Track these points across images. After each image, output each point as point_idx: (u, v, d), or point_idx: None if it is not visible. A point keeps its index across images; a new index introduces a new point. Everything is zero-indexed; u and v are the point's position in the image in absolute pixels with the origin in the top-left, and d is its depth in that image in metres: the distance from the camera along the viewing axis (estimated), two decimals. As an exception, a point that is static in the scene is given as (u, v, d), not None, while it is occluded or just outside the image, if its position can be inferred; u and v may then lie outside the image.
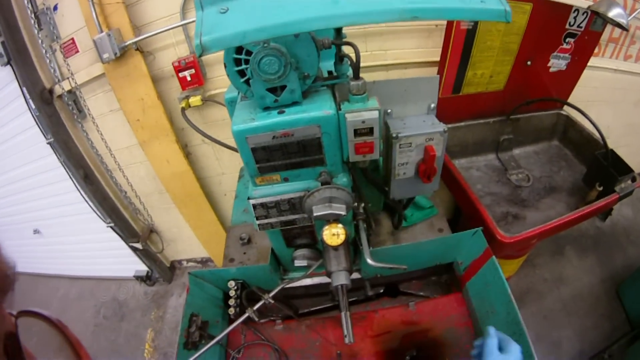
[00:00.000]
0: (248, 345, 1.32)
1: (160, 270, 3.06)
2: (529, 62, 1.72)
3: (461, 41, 1.58)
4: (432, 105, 1.00)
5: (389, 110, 0.99)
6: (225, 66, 0.83)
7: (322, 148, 0.87)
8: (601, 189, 1.65)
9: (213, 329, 1.24)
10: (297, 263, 1.12)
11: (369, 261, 0.99)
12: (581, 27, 1.66)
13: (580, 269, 2.67)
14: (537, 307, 2.48)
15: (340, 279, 0.96)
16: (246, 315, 1.09)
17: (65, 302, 3.29)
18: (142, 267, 3.04)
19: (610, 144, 1.60)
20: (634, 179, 1.58)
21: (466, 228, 1.23)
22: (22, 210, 2.94)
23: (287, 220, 0.99)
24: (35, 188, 2.68)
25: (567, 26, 1.65)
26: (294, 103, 0.86)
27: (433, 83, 0.96)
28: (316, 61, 0.82)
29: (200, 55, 0.66)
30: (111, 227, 2.53)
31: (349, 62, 0.86)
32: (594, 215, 2.19)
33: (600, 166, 1.63)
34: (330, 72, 0.99)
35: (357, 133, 0.84)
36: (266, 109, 0.87)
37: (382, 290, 1.42)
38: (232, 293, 1.22)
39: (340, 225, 0.93)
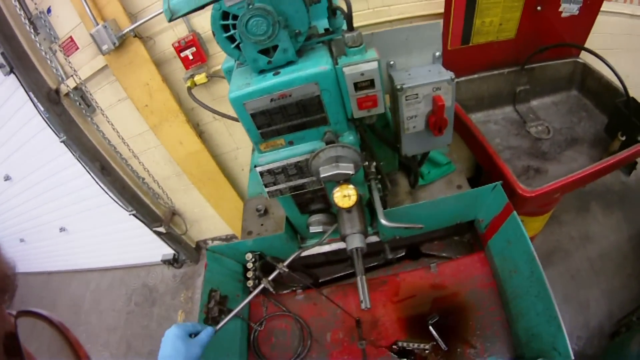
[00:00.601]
0: (269, 317, 1.33)
1: (186, 251, 3.14)
2: (539, 8, 1.61)
3: (465, -13, 1.50)
4: (438, 54, 0.95)
5: (392, 62, 0.95)
6: (214, 34, 0.81)
7: (323, 106, 0.84)
8: (624, 138, 1.56)
9: (233, 303, 1.25)
10: (313, 229, 1.10)
11: (383, 221, 0.96)
12: (593, -33, 1.54)
13: (606, 226, 2.58)
14: (564, 266, 2.42)
15: (355, 242, 0.95)
16: (262, 286, 1.09)
17: (97, 294, 3.43)
18: (168, 251, 3.12)
19: (631, 94, 1.51)
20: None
21: (488, 185, 1.18)
22: (45, 210, 3.05)
23: (296, 185, 0.98)
24: (55, 187, 2.76)
25: (577, -34, 1.54)
26: (289, 63, 0.83)
27: (435, 29, 0.91)
28: (306, 16, 0.78)
29: (170, 20, 0.66)
30: (133, 214, 2.59)
31: (343, 15, 0.81)
32: (618, 167, 2.10)
33: (621, 115, 1.54)
34: (327, 30, 0.94)
35: (357, 87, 0.81)
36: (261, 72, 0.84)
37: (403, 253, 1.40)
38: (249, 265, 1.22)
39: (351, 187, 0.91)
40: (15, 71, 1.94)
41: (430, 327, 1.17)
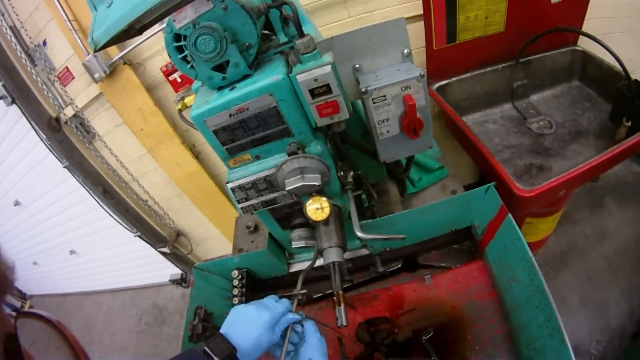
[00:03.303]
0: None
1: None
2: (524, -5, 1.55)
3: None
4: (406, 51, 0.90)
5: (358, 65, 0.90)
6: (169, 56, 0.81)
7: (282, 117, 0.81)
8: (629, 124, 1.46)
9: (220, 320, 1.22)
10: (294, 244, 1.05)
11: (358, 234, 0.91)
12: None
13: (622, 221, 2.44)
14: (580, 267, 2.29)
15: (331, 256, 0.90)
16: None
17: (109, 315, 3.49)
18: (176, 271, 3.15)
19: (636, 77, 1.41)
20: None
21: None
22: (55, 234, 3.14)
23: (267, 200, 0.94)
24: (63, 211, 2.83)
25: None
26: (245, 77, 0.81)
27: (399, 26, 0.86)
28: (254, 29, 0.76)
29: (96, 50, 0.70)
30: (139, 236, 2.63)
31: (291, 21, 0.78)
32: (627, 156, 1.96)
33: (625, 99, 1.44)
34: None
35: (314, 93, 0.77)
36: (220, 89, 0.83)
37: (399, 266, 1.32)
38: (235, 283, 1.19)
39: (324, 199, 0.86)
40: (17, 102, 2.02)
41: (425, 343, 1.10)
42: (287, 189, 0.83)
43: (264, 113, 0.80)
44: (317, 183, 0.82)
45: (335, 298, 0.87)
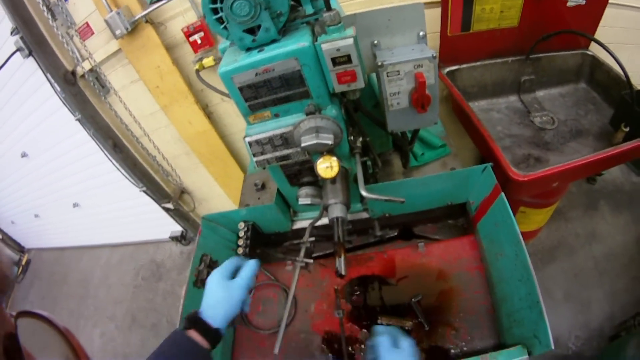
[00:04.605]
0: (259, 286, 1.43)
1: (194, 229, 3.32)
2: (542, -5, 1.63)
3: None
4: (422, 34, 1.01)
5: (376, 42, 1.01)
6: (204, 17, 0.91)
7: (304, 80, 0.92)
8: (627, 129, 1.56)
9: (223, 269, 1.34)
10: (301, 201, 1.17)
11: (363, 192, 1.03)
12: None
13: (614, 226, 2.57)
14: (568, 263, 2.43)
15: (336, 211, 1.01)
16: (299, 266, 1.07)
17: (107, 269, 3.64)
18: (177, 228, 3.30)
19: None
20: (667, 126, 1.46)
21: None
22: (60, 187, 3.26)
23: (282, 156, 1.06)
24: (70, 164, 2.95)
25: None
26: (273, 41, 0.91)
27: (418, 10, 0.97)
28: None
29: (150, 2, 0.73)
30: (144, 191, 2.76)
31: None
32: (622, 160, 2.07)
33: (627, 106, 1.54)
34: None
35: (335, 62, 0.88)
36: (248, 50, 0.93)
37: (395, 234, 1.45)
38: (241, 234, 1.32)
39: (334, 158, 0.98)
40: (34, 54, 2.10)
41: (413, 305, 1.22)
42: (302, 145, 0.95)
43: (288, 75, 0.91)
44: (329, 142, 0.94)
45: (336, 250, 1.00)
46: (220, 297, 0.85)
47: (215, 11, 0.88)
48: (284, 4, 0.87)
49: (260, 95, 0.96)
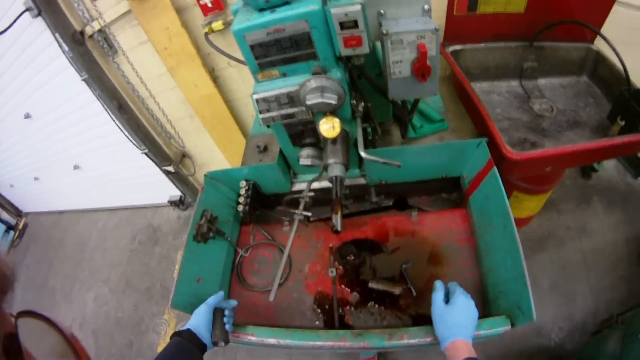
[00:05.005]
0: (255, 245, 1.51)
1: (192, 194, 3.40)
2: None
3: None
4: (426, 7, 1.06)
5: (383, 11, 1.07)
6: None
7: (312, 42, 0.98)
8: (623, 123, 1.62)
9: (223, 225, 1.42)
10: (302, 161, 1.25)
11: (362, 153, 1.11)
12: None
13: (605, 224, 2.63)
14: (556, 254, 2.49)
15: (336, 170, 1.09)
16: (298, 219, 1.16)
17: (104, 232, 3.72)
18: (175, 192, 3.37)
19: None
20: (663, 124, 1.50)
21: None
22: (62, 148, 3.32)
23: (287, 114, 1.13)
24: (73, 125, 3.00)
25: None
26: (285, 3, 0.97)
27: (424, -16, 1.03)
28: None
29: None
30: (145, 153, 2.82)
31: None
32: (616, 154, 2.14)
33: (624, 101, 1.60)
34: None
35: (343, 26, 0.95)
36: (261, 10, 0.99)
37: (390, 203, 1.52)
38: (242, 192, 1.39)
39: (336, 119, 1.05)
40: (43, 14, 2.12)
41: (403, 271, 1.30)
42: (307, 103, 1.02)
43: (297, 36, 0.97)
44: (333, 102, 1.00)
45: (333, 207, 1.08)
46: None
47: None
48: (297, -33, 0.93)
49: (270, 54, 1.02)
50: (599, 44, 1.89)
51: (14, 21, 2.16)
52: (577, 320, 2.23)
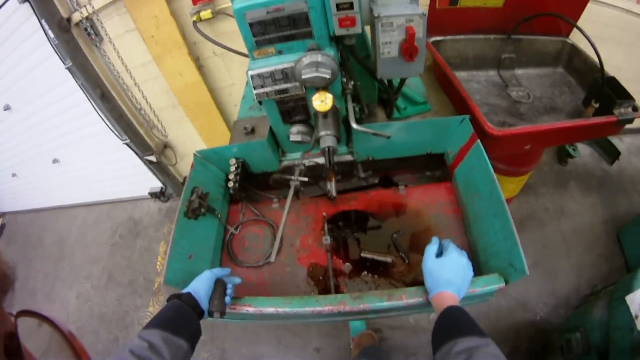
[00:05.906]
0: (245, 223, 1.59)
1: (174, 185, 3.45)
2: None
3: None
4: (415, -5, 1.20)
5: (374, -2, 1.20)
6: None
7: (309, 21, 1.10)
8: (597, 105, 1.77)
9: (213, 202, 1.49)
10: (292, 138, 1.35)
11: (353, 125, 1.23)
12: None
13: (582, 206, 2.81)
14: (537, 234, 2.65)
15: (328, 141, 1.21)
16: (293, 188, 1.29)
17: (84, 228, 3.71)
18: (156, 184, 3.40)
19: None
20: (635, 109, 1.65)
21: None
22: (41, 141, 3.30)
23: (280, 89, 1.23)
24: (53, 116, 3.00)
25: None
26: None
27: (412, -26, 1.16)
28: None
29: None
30: (127, 143, 2.87)
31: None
32: (590, 135, 2.31)
33: (598, 87, 1.74)
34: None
35: (339, 7, 1.06)
36: None
37: (376, 181, 1.64)
38: (232, 169, 1.48)
39: (328, 94, 1.16)
40: (30, 0, 2.14)
41: (394, 240, 1.41)
42: (302, 77, 1.12)
43: (296, 15, 1.08)
44: (327, 76, 1.11)
45: (327, 175, 1.19)
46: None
47: (233, -49, 1.05)
48: (297, -51, 1.04)
49: (268, 32, 1.13)
50: (574, 38, 2.06)
51: (1, 6, 2.19)
52: (561, 296, 2.40)
